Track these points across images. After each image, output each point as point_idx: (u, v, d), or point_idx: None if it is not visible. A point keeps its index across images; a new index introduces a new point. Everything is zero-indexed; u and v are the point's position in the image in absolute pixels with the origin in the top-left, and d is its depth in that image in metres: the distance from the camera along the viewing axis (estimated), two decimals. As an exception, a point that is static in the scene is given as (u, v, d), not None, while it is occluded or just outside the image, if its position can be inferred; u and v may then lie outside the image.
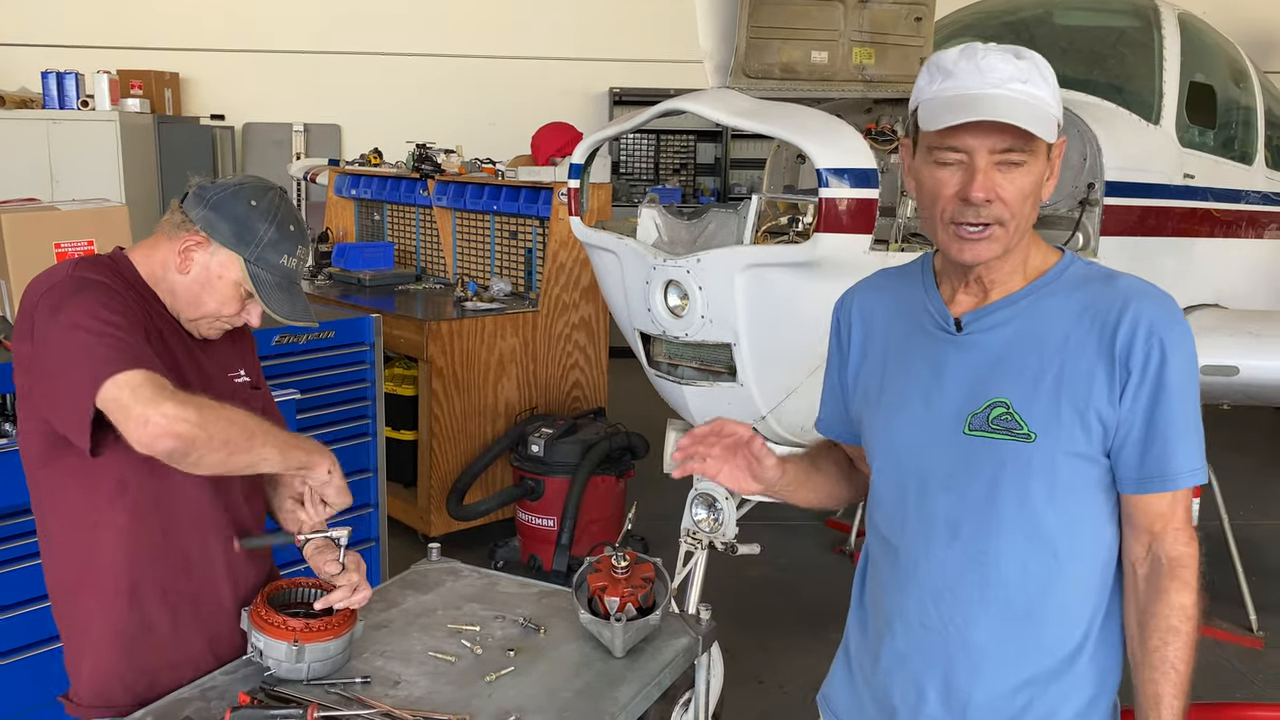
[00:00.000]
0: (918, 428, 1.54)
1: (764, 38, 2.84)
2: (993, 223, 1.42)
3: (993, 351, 1.49)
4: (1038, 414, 1.45)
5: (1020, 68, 1.42)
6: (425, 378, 4.75)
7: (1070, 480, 1.46)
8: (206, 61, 8.79)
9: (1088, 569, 1.50)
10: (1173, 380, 1.41)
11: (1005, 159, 1.40)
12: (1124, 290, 1.45)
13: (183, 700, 1.77)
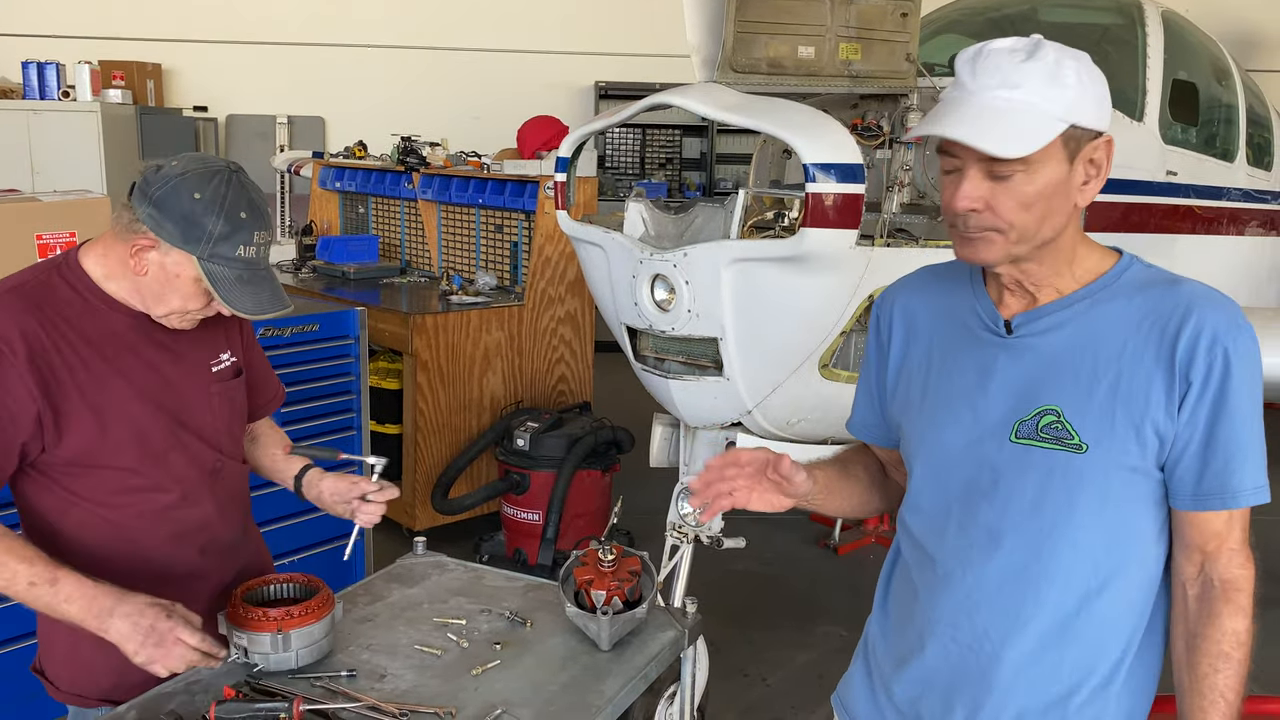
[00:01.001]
0: (963, 433, 1.48)
1: (751, 32, 2.83)
2: (988, 229, 1.37)
3: (1045, 356, 1.42)
4: (1090, 424, 1.38)
5: (1017, 72, 1.32)
6: (410, 371, 4.74)
7: (1121, 494, 1.40)
8: (189, 53, 8.73)
9: (1131, 587, 1.44)
10: (1236, 393, 1.34)
11: (993, 170, 1.34)
12: (1187, 296, 1.37)
13: (167, 695, 1.76)
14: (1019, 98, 1.31)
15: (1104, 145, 1.37)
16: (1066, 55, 1.34)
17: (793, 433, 2.95)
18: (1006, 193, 1.34)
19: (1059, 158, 1.33)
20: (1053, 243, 1.39)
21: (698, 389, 2.79)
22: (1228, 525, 1.38)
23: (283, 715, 1.65)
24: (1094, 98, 1.34)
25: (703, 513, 1.58)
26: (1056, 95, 1.31)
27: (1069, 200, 1.37)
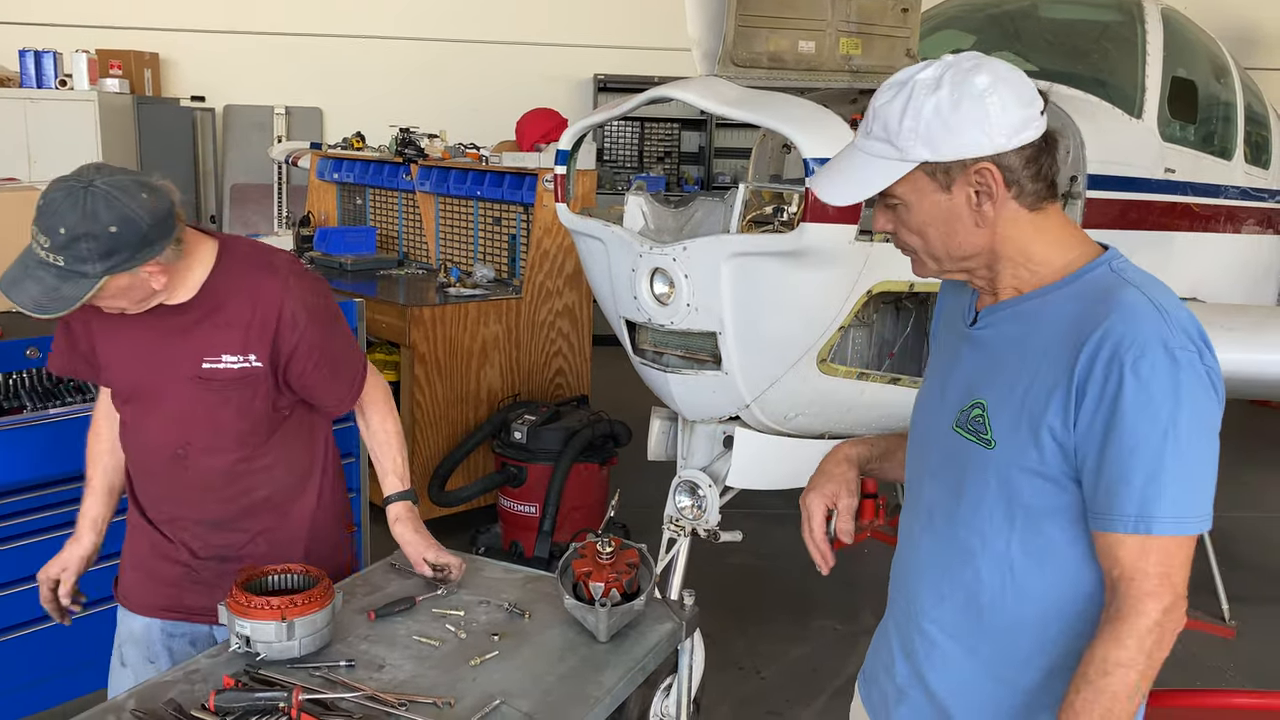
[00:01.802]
0: (930, 416, 1.55)
1: (752, 26, 2.83)
2: (907, 251, 1.47)
3: (990, 350, 1.46)
4: (1002, 422, 1.40)
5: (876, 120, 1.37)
6: (407, 364, 4.74)
7: (1031, 500, 1.39)
8: (187, 42, 8.70)
9: (1054, 597, 1.42)
10: (1131, 410, 1.27)
11: (887, 203, 1.42)
12: (1114, 304, 1.32)
13: (167, 683, 1.77)
14: (869, 145, 1.38)
15: (982, 169, 1.36)
16: (922, 91, 1.33)
17: (790, 427, 2.96)
18: (900, 220, 1.43)
19: (928, 188, 1.38)
20: (985, 253, 1.42)
21: (696, 383, 2.79)
22: (1138, 553, 1.30)
23: (282, 704, 1.66)
24: (950, 130, 1.33)
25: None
26: (905, 139, 1.34)
27: (969, 221, 1.39)
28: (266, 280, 2.01)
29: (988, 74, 1.33)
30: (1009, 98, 1.33)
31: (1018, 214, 1.40)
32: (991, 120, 1.32)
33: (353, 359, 2.17)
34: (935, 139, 1.33)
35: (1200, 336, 1.33)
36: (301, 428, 2.16)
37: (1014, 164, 1.36)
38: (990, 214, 1.39)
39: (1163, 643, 1.31)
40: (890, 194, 1.40)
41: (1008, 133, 1.34)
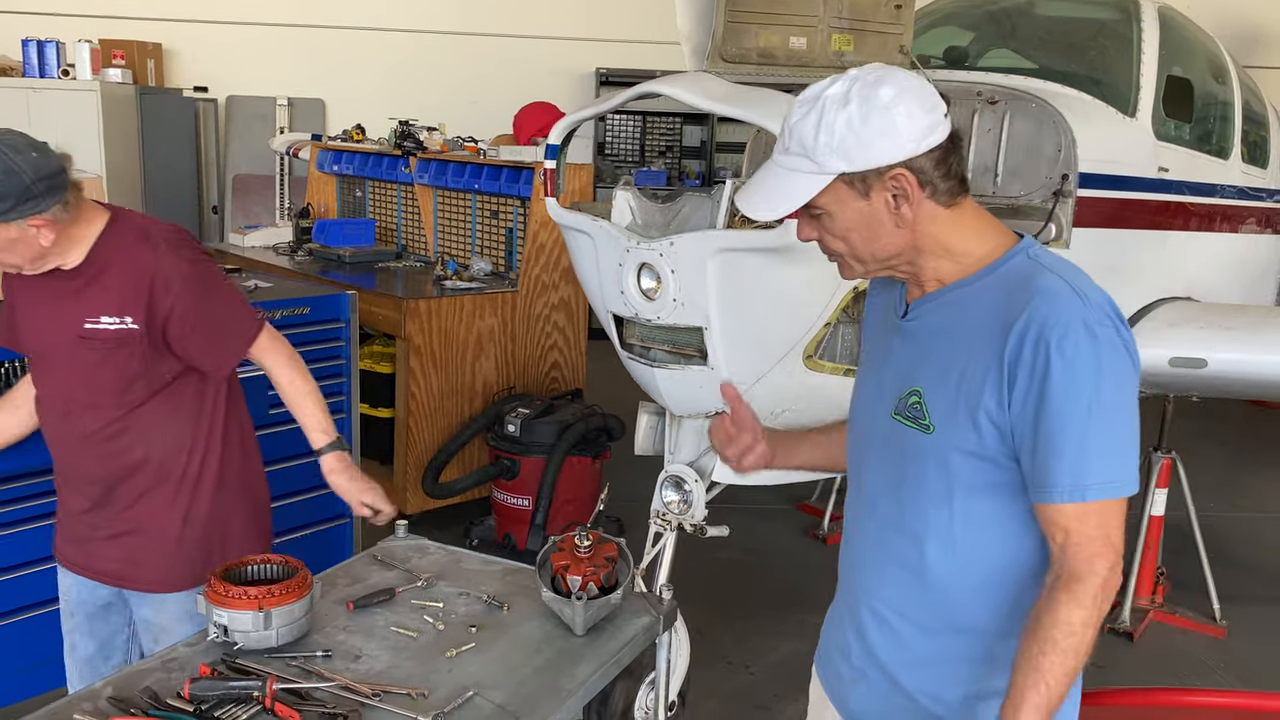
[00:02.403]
0: (869, 406, 1.63)
1: (742, 22, 2.83)
2: (832, 256, 1.55)
3: (921, 340, 1.54)
4: (939, 407, 1.48)
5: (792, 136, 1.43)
6: (403, 355, 4.75)
7: (970, 479, 1.47)
8: (190, 33, 8.72)
9: (990, 571, 1.50)
10: (1059, 388, 1.36)
11: (810, 213, 1.49)
12: (1034, 289, 1.41)
13: (144, 671, 1.78)
14: (788, 161, 1.45)
15: (897, 175, 1.42)
16: (833, 106, 1.40)
17: (777, 423, 2.96)
18: (824, 229, 1.50)
19: (848, 197, 1.45)
20: (907, 251, 1.50)
21: (683, 378, 2.80)
22: (1077, 519, 1.40)
23: (256, 693, 1.67)
24: (863, 142, 1.40)
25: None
26: (822, 154, 1.41)
27: (889, 224, 1.46)
28: (141, 249, 2.15)
29: (891, 86, 1.40)
30: (914, 106, 1.41)
31: (935, 212, 1.47)
32: (899, 129, 1.40)
33: (235, 325, 2.29)
34: (849, 151, 1.40)
35: (1116, 314, 1.42)
36: (190, 396, 2.27)
37: (925, 166, 1.44)
38: (909, 215, 1.46)
39: (1109, 598, 1.41)
40: (813, 205, 1.47)
41: (916, 139, 1.41)
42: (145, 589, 2.30)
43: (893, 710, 1.63)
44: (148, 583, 2.30)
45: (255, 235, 6.44)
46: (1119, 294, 4.05)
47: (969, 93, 3.48)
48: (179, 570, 2.27)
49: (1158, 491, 4.34)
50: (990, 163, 3.45)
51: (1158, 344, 3.65)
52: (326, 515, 3.79)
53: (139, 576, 2.30)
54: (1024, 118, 3.36)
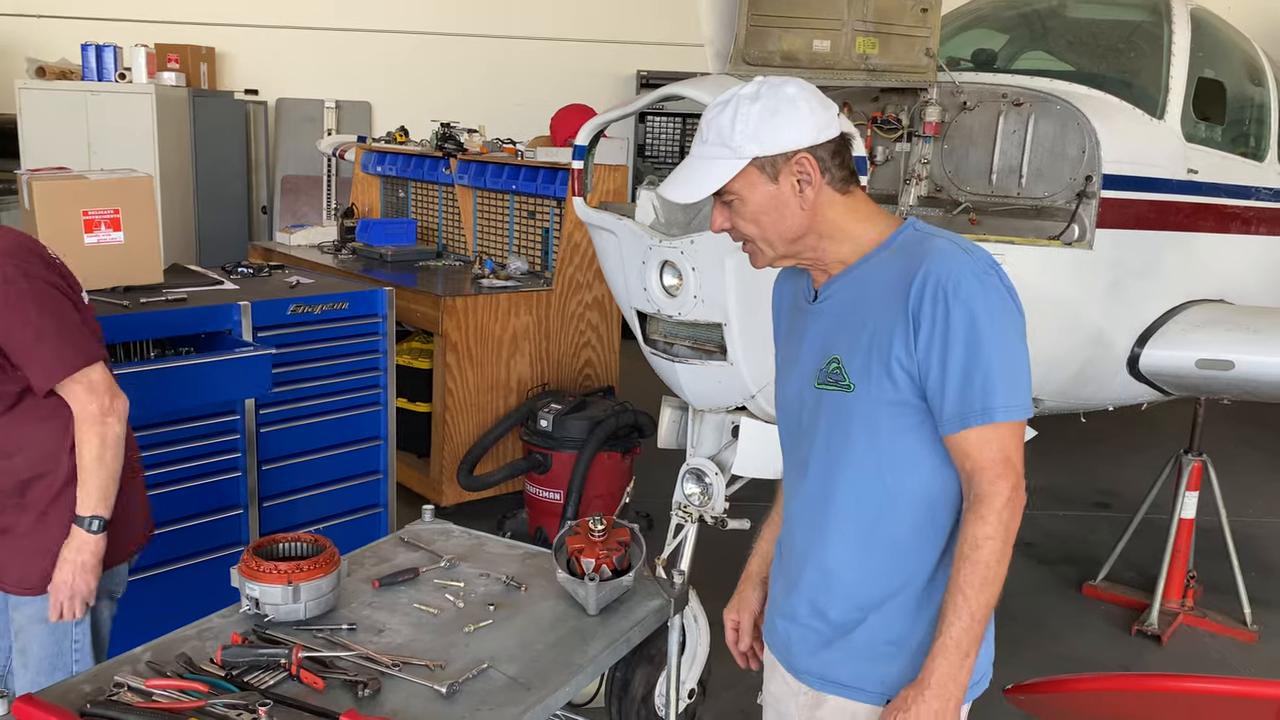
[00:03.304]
0: (793, 384, 1.80)
1: (765, 26, 2.90)
2: (746, 242, 1.71)
3: (832, 315, 1.72)
4: (857, 367, 1.66)
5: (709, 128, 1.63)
6: (440, 351, 4.87)
7: (892, 425, 1.64)
8: (242, 37, 8.94)
9: (921, 505, 1.67)
10: (956, 329, 1.55)
11: (723, 201, 1.68)
12: (926, 251, 1.62)
13: (179, 639, 1.90)
14: (707, 151, 1.64)
15: (801, 159, 1.62)
16: (746, 101, 1.61)
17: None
18: (737, 215, 1.68)
19: (759, 181, 1.64)
20: (810, 235, 1.68)
21: (703, 373, 2.87)
22: (978, 445, 1.58)
23: (283, 660, 1.77)
24: (774, 130, 1.60)
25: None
26: (738, 140, 1.61)
27: (795, 206, 1.65)
28: None
29: (795, 86, 1.63)
30: (814, 103, 1.63)
31: (833, 197, 1.67)
32: (803, 120, 1.61)
33: (40, 351, 2.14)
34: (762, 137, 1.60)
35: (995, 266, 1.63)
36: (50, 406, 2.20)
37: (824, 155, 1.64)
38: (811, 198, 1.65)
39: (1016, 515, 1.59)
40: (727, 191, 1.65)
41: (817, 130, 1.62)
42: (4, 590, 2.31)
43: (843, 659, 1.75)
44: (7, 584, 2.29)
45: (301, 234, 6.61)
46: (1144, 295, 4.03)
47: (994, 95, 3.51)
48: (32, 573, 2.25)
49: (1188, 494, 4.32)
50: (1015, 164, 3.48)
51: (1184, 346, 3.66)
52: (363, 504, 3.92)
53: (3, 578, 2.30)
54: (1048, 119, 3.39)
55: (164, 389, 3.07)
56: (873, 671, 1.72)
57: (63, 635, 2.29)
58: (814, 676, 1.79)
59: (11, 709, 1.64)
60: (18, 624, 2.31)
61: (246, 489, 3.51)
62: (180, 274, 3.87)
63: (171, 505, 3.30)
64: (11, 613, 2.32)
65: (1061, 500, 5.78)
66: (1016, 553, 1.62)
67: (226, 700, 1.66)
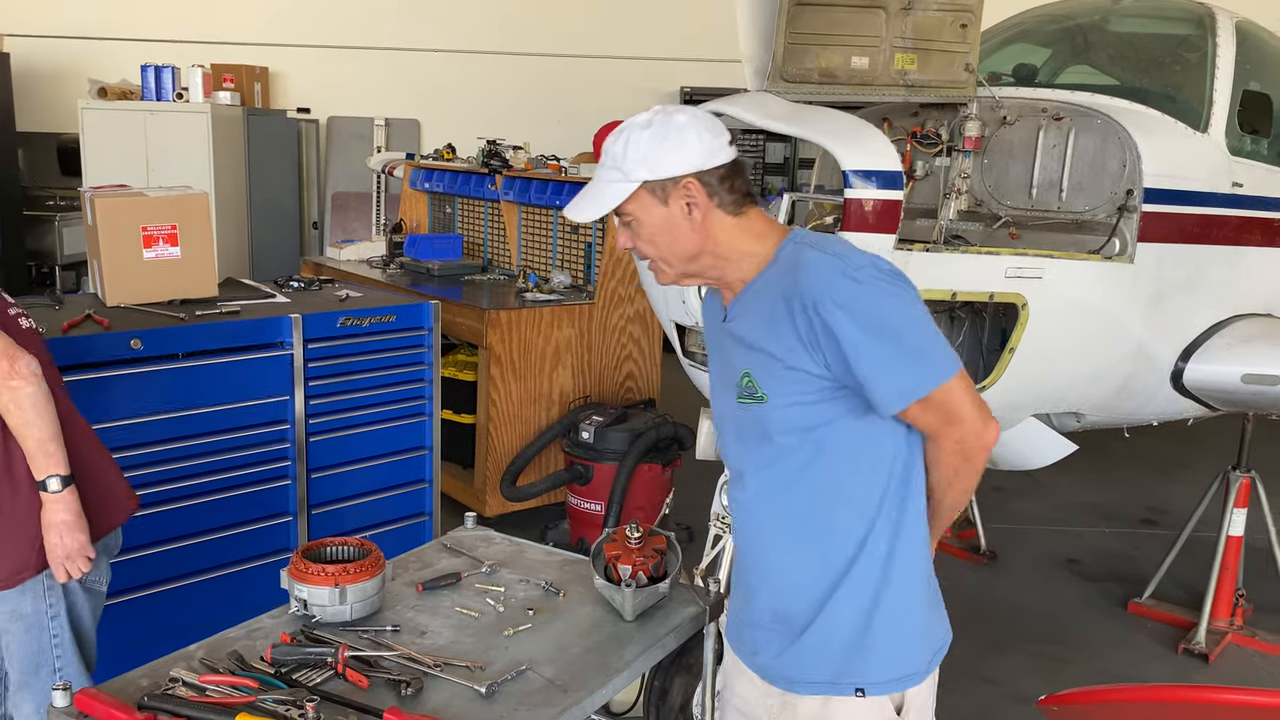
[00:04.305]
0: (719, 402, 1.90)
1: (802, 43, 2.95)
2: (649, 261, 1.81)
3: (740, 333, 1.81)
4: (765, 379, 1.75)
5: (606, 155, 1.74)
6: (484, 364, 4.95)
7: (807, 426, 1.74)
8: (295, 57, 9.17)
9: (846, 492, 1.77)
10: (848, 336, 1.64)
11: (623, 222, 1.77)
12: (799, 266, 1.71)
13: (231, 638, 1.97)
14: (604, 175, 1.75)
15: (688, 184, 1.71)
16: (637, 129, 1.71)
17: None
18: (636, 235, 1.78)
19: (651, 204, 1.73)
20: (706, 254, 1.77)
21: (741, 385, 2.90)
22: (936, 406, 1.68)
23: (329, 659, 1.84)
24: (661, 155, 1.70)
25: None
26: (629, 165, 1.71)
27: (686, 227, 1.74)
28: None
29: (685, 114, 1.73)
30: (703, 131, 1.71)
31: (723, 219, 1.75)
32: (691, 147, 1.70)
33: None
34: (651, 162, 1.70)
35: (869, 260, 1.71)
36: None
37: (712, 180, 1.72)
38: (699, 220, 1.74)
39: (972, 454, 1.74)
40: (624, 212, 1.75)
41: (704, 156, 1.71)
42: None
43: (808, 657, 1.82)
44: None
45: (350, 249, 6.76)
46: (1188, 309, 4.00)
47: (1034, 109, 3.52)
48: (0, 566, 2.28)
49: (1236, 512, 4.27)
50: (1055, 178, 3.48)
51: (1230, 360, 3.63)
52: (408, 512, 4.00)
53: None
54: (1088, 134, 3.39)
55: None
56: (837, 664, 1.79)
57: (40, 630, 2.33)
58: (781, 678, 1.85)
59: (74, 701, 1.72)
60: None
61: (296, 497, 3.61)
62: (234, 287, 3.99)
63: (224, 512, 3.41)
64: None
65: (1107, 516, 5.71)
66: (1061, 569, 1.66)
67: (275, 696, 1.72)
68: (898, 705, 1.81)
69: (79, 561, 2.29)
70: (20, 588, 2.30)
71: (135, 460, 3.15)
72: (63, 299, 3.56)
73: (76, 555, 2.28)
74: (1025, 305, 3.10)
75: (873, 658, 1.77)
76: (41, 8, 8.64)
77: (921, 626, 1.83)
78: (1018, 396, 3.35)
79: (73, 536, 2.27)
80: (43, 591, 2.33)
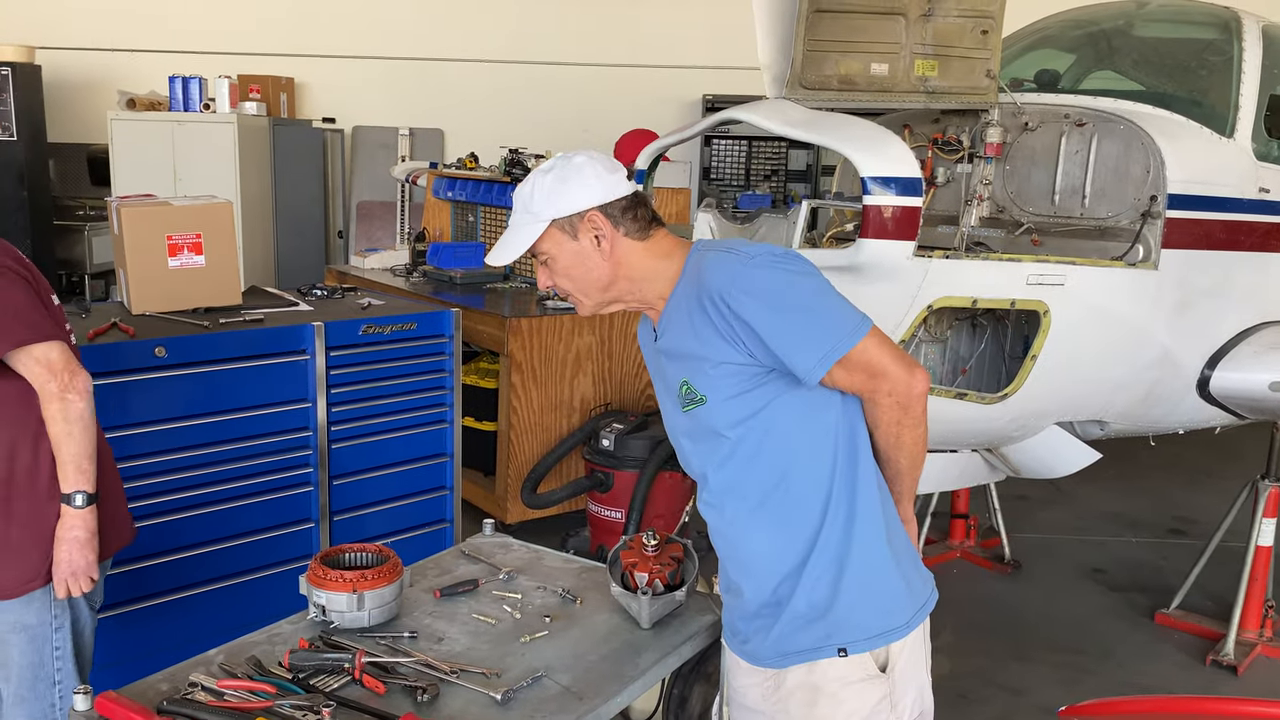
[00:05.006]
0: (669, 415, 2.01)
1: (822, 50, 2.94)
2: (567, 294, 1.93)
3: (669, 347, 1.91)
4: (701, 382, 1.85)
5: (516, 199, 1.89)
6: (505, 372, 4.97)
7: (753, 408, 1.82)
8: (320, 68, 9.24)
9: (795, 465, 1.85)
10: (758, 318, 1.75)
11: (541, 261, 1.91)
12: (703, 268, 1.83)
13: (250, 643, 1.98)
14: (517, 219, 1.89)
15: (592, 216, 1.84)
16: (541, 175, 1.87)
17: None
18: (554, 273, 1.91)
19: (562, 240, 1.87)
20: (621, 280, 1.90)
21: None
22: (859, 366, 1.77)
23: (346, 665, 1.85)
24: (563, 194, 1.84)
25: None
26: (537, 206, 1.86)
27: (597, 258, 1.87)
28: None
29: (583, 156, 1.88)
30: (600, 168, 1.86)
31: (631, 245, 1.88)
32: (590, 184, 1.85)
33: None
34: (556, 202, 1.85)
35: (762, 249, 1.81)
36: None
37: (615, 211, 1.86)
38: (608, 249, 1.87)
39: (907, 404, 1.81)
40: (540, 251, 1.88)
41: (605, 191, 1.85)
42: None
43: (792, 629, 1.88)
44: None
45: (374, 258, 6.80)
46: (1214, 316, 3.97)
47: (1056, 115, 3.50)
48: (7, 576, 2.28)
49: (1265, 521, 4.21)
50: (1078, 184, 3.46)
51: (1258, 368, 3.59)
52: (429, 519, 4.02)
53: None
54: (1111, 139, 3.36)
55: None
56: (819, 629, 1.86)
57: (43, 642, 2.33)
58: (771, 657, 1.91)
59: (95, 704, 1.74)
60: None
61: (318, 503, 3.63)
62: (258, 296, 4.02)
63: (246, 518, 3.43)
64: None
65: (1133, 526, 5.65)
66: (1086, 579, 1.64)
67: (293, 701, 1.73)
68: (881, 663, 1.88)
69: (83, 580, 2.30)
70: (27, 597, 2.29)
71: (158, 467, 3.19)
72: (89, 307, 3.60)
73: (82, 574, 2.29)
74: (1047, 312, 3.07)
75: (851, 617, 1.85)
76: (72, 21, 8.76)
77: (895, 582, 1.90)
78: (1041, 404, 3.32)
79: (82, 554, 2.28)
80: (49, 603, 2.33)
